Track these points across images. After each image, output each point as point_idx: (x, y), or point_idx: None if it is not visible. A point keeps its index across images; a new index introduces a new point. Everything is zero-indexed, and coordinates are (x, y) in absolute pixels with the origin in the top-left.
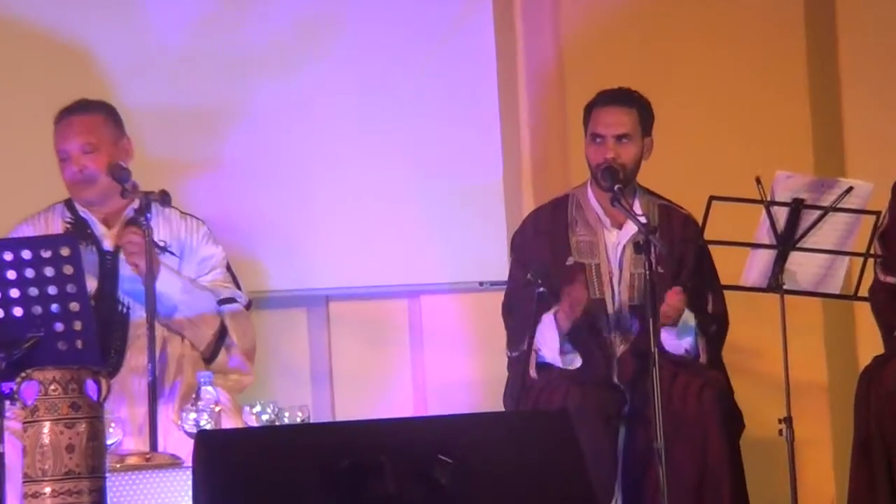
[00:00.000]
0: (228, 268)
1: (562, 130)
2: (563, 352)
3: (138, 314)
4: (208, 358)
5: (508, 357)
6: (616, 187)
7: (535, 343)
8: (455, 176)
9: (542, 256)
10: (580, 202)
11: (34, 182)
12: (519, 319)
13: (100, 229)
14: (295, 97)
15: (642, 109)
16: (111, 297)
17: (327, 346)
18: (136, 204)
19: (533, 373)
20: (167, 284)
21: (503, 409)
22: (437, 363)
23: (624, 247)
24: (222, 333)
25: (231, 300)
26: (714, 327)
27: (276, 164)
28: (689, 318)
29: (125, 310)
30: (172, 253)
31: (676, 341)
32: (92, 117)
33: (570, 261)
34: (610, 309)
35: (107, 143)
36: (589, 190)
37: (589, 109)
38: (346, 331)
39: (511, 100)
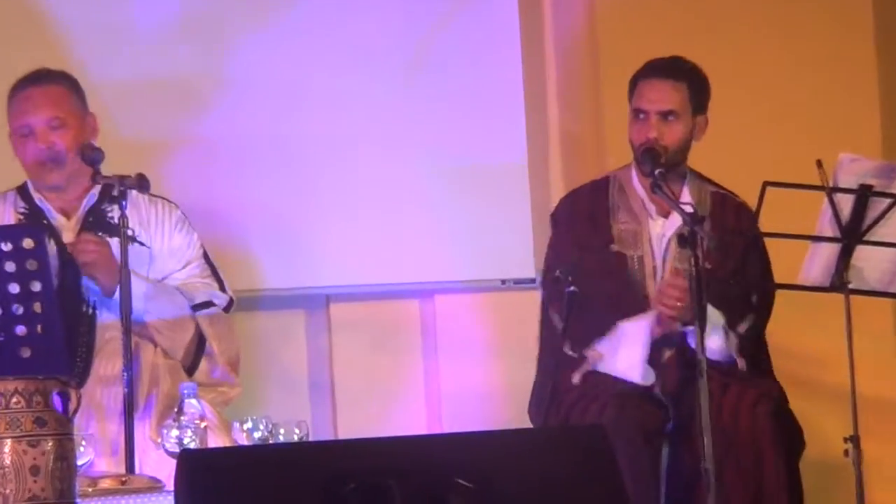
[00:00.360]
0: (206, 258)
1: (594, 106)
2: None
3: (106, 316)
4: (188, 369)
5: (541, 354)
6: (657, 171)
7: (599, 353)
8: (473, 159)
9: (581, 242)
10: (623, 186)
11: None
12: (591, 314)
13: (58, 219)
14: (291, 67)
15: (695, 83)
16: (74, 297)
17: (328, 352)
18: (96, 189)
19: (577, 378)
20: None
21: (528, 424)
22: (453, 372)
23: (669, 239)
24: (201, 341)
25: (208, 304)
26: (745, 325)
27: (269, 144)
28: (712, 315)
29: (90, 310)
30: (142, 243)
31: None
32: (56, 88)
33: (613, 248)
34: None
35: (74, 118)
36: (633, 172)
37: (634, 81)
38: (349, 335)
39: (537, 72)
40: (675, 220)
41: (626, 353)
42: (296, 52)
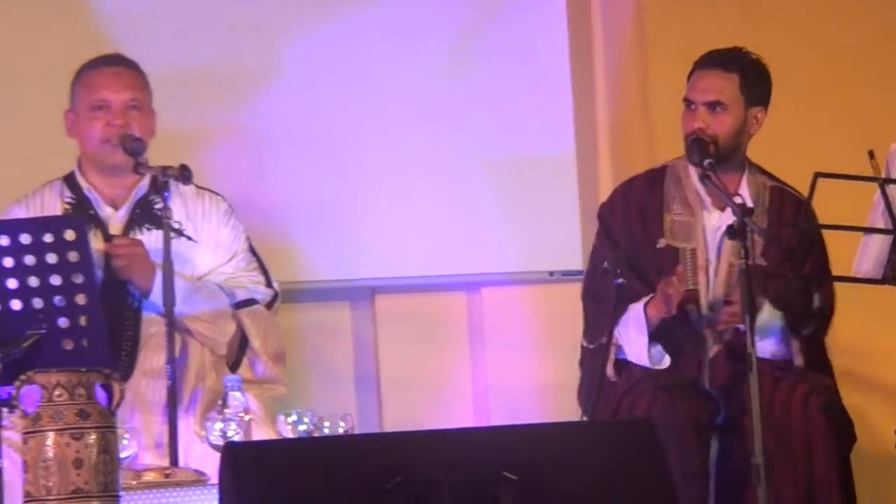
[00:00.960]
0: (253, 251)
1: (642, 96)
2: (650, 349)
3: (151, 309)
4: (231, 366)
5: (582, 349)
6: (706, 162)
7: (616, 337)
8: (521, 149)
9: (630, 236)
10: (679, 177)
11: (28, 156)
12: (603, 305)
13: (106, 211)
14: (335, 55)
15: (749, 75)
16: (120, 289)
17: (374, 345)
18: (146, 181)
19: (611, 371)
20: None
21: (577, 417)
22: (501, 365)
23: (725, 231)
24: (245, 338)
25: (250, 302)
26: (810, 328)
27: (316, 135)
28: (771, 317)
29: (136, 304)
30: (189, 237)
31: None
32: (139, 76)
33: (661, 243)
34: (703, 302)
35: (147, 107)
36: (690, 163)
37: (692, 70)
38: (395, 328)
39: (585, 62)
40: (731, 213)
41: (633, 337)
42: (343, 42)
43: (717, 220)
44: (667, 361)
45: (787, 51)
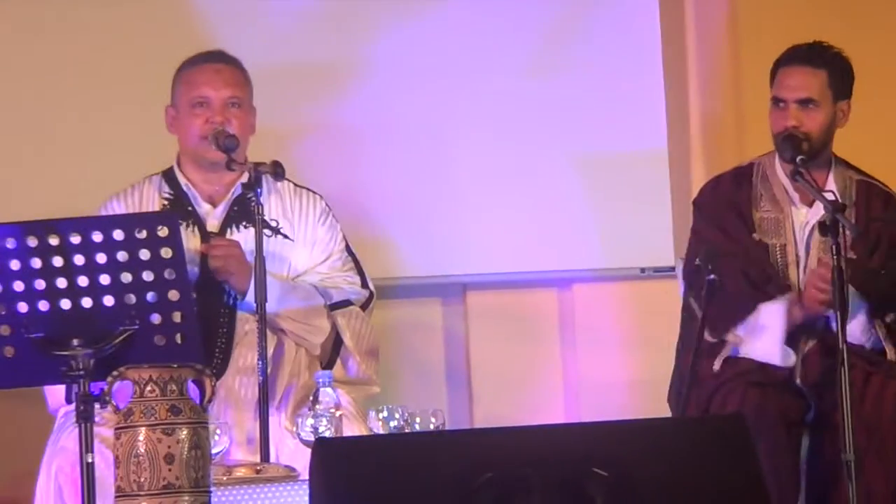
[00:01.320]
0: (349, 250)
1: (735, 91)
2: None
3: (246, 307)
4: (325, 366)
5: (681, 339)
6: (798, 158)
7: (738, 337)
8: (613, 146)
9: (723, 231)
10: (766, 173)
11: (126, 153)
12: (731, 298)
13: (203, 207)
14: (427, 51)
15: (835, 70)
16: (216, 287)
17: (465, 342)
18: (244, 178)
19: (718, 365)
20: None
21: (667, 414)
22: (592, 361)
23: (813, 227)
24: (338, 340)
25: (345, 304)
26: (893, 316)
27: (407, 131)
28: (855, 301)
29: (231, 300)
30: (286, 236)
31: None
32: (239, 73)
33: (755, 236)
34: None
35: (247, 105)
36: (776, 160)
37: (775, 69)
38: (486, 324)
39: (677, 57)
40: (819, 209)
41: (765, 335)
42: (436, 39)
43: (805, 216)
44: (793, 359)
45: (877, 45)
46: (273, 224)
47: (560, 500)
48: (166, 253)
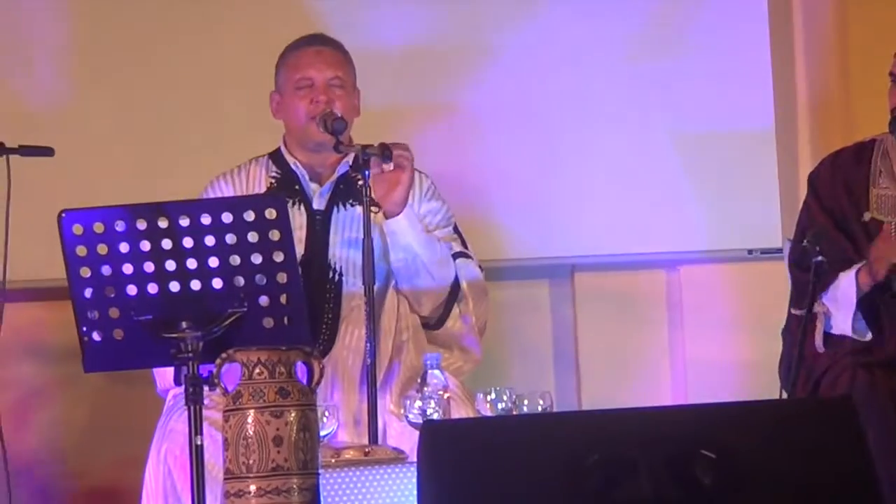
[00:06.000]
0: (456, 229)
1: (843, 71)
2: (856, 319)
3: (353, 283)
4: (436, 321)
5: (789, 316)
6: None
7: (825, 307)
8: (720, 125)
9: (836, 208)
10: (888, 151)
11: (233, 133)
12: (808, 274)
13: (311, 186)
14: (540, 36)
15: None
16: (322, 264)
17: (572, 323)
18: (349, 159)
19: (819, 342)
20: (405, 227)
21: (775, 396)
22: (699, 343)
23: None
24: (454, 292)
25: (465, 255)
26: None
27: (517, 113)
28: None
29: (338, 277)
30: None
31: None
32: (341, 54)
33: (866, 217)
34: None
35: (351, 86)
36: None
37: None
38: (594, 306)
39: (784, 34)
40: None
41: (841, 305)
42: (544, 22)
43: None
44: (869, 335)
45: None
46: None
47: (667, 482)
48: (274, 235)
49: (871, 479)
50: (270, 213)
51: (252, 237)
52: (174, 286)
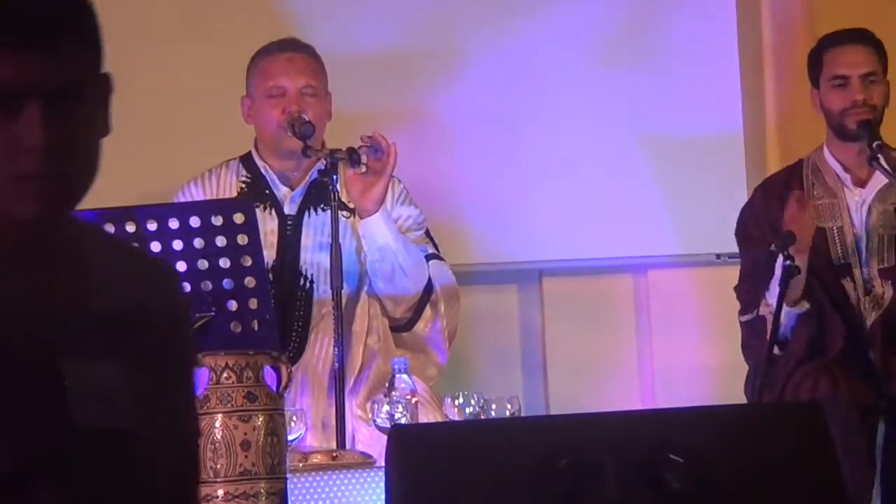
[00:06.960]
0: (428, 233)
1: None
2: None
3: (324, 290)
4: (406, 322)
5: (742, 331)
6: (875, 144)
7: (768, 303)
8: (688, 129)
9: (776, 226)
10: (816, 165)
11: (207, 137)
12: (752, 279)
13: (281, 190)
14: (511, 42)
15: (880, 50)
16: (293, 270)
17: (541, 328)
18: (322, 164)
19: (776, 349)
20: (381, 226)
21: (743, 400)
22: (667, 348)
23: (870, 206)
24: (427, 294)
25: (437, 257)
26: None
27: (486, 118)
28: None
29: (308, 284)
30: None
31: None
32: (313, 61)
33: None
34: (857, 275)
35: (323, 93)
36: (825, 150)
37: (818, 55)
38: (562, 310)
39: (752, 39)
40: (873, 188)
41: (774, 289)
42: (514, 28)
43: (859, 196)
44: (806, 305)
45: None
46: (352, 206)
47: (636, 486)
48: (242, 240)
49: (838, 483)
50: (239, 218)
51: (220, 241)
52: None
